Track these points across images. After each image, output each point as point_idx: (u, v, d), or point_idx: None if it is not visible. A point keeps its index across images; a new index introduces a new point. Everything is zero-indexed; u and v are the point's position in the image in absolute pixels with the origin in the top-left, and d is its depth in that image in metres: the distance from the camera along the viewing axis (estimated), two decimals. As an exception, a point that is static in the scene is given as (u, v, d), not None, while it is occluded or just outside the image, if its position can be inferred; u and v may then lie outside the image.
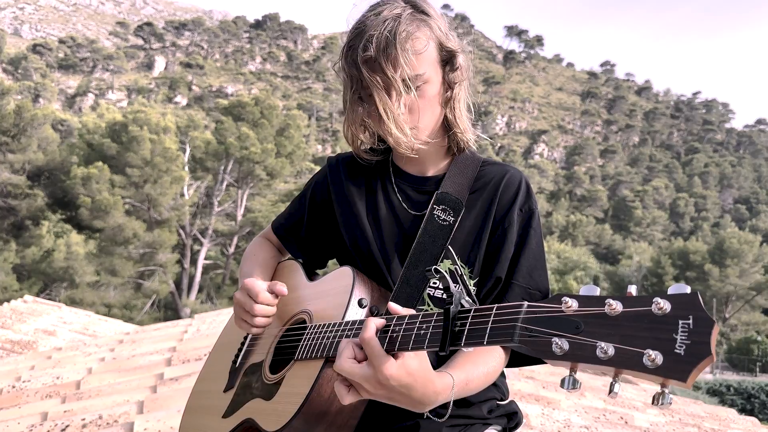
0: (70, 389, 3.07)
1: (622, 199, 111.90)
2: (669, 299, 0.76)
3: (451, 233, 1.35)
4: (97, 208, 33.40)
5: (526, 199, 1.41)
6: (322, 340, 1.23)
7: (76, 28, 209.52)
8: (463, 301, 0.99)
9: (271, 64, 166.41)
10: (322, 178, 1.57)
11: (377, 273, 1.38)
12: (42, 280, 32.99)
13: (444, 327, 0.97)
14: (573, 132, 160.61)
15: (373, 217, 1.44)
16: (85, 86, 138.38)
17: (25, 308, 8.28)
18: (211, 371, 1.60)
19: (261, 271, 1.54)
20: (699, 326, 0.73)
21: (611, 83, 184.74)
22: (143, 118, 36.44)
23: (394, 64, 1.26)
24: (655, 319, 0.76)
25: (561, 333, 0.82)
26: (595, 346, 0.78)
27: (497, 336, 0.90)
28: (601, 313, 0.80)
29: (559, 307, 0.84)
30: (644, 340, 0.75)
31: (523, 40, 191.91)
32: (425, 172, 1.47)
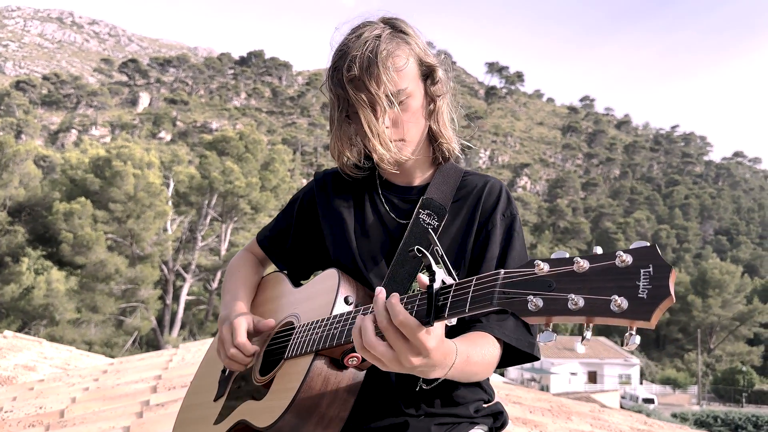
0: (53, 418, 3.02)
1: (605, 231, 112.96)
2: (630, 252, 0.84)
3: (436, 235, 1.40)
4: (79, 244, 33.02)
5: (508, 205, 1.46)
6: (312, 336, 1.26)
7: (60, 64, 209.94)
8: (444, 278, 1.04)
9: (255, 100, 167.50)
10: (308, 192, 1.61)
11: (360, 277, 1.42)
12: (21, 318, 32.36)
13: (428, 301, 1.02)
14: (555, 165, 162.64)
15: (360, 228, 1.49)
16: (68, 122, 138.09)
17: (4, 343, 8.11)
18: (200, 384, 1.61)
19: (245, 288, 1.57)
20: (658, 272, 0.81)
21: (591, 117, 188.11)
22: (127, 153, 36.36)
23: (377, 81, 1.32)
24: (619, 270, 0.83)
25: (535, 291, 0.89)
26: (567, 299, 0.85)
27: (478, 302, 0.96)
28: (570, 270, 0.88)
29: (532, 270, 0.91)
30: (610, 289, 0.83)
31: (504, 76, 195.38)
32: (411, 182, 1.52)
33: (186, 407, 1.61)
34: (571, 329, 67.34)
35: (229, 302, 1.53)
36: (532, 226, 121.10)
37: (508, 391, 4.27)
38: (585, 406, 4.46)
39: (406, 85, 1.37)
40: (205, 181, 38.98)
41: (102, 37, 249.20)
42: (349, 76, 1.34)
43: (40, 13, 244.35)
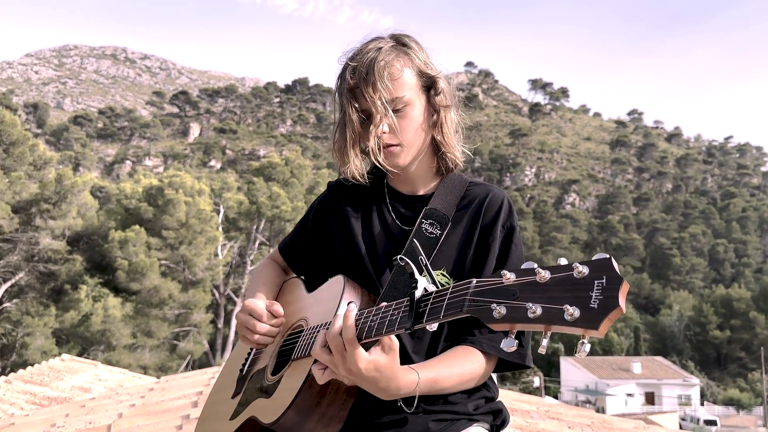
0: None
1: (659, 247, 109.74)
2: (587, 264, 0.90)
3: (438, 245, 1.46)
4: (133, 271, 33.99)
5: (508, 217, 1.51)
6: (313, 340, 1.34)
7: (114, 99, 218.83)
8: (426, 286, 1.11)
9: (301, 126, 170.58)
10: (322, 201, 1.70)
11: (369, 282, 1.49)
12: (80, 344, 33.39)
13: (409, 308, 1.09)
14: (604, 181, 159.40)
15: (368, 233, 1.56)
16: (123, 154, 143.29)
17: (62, 366, 8.46)
18: (222, 383, 1.72)
19: (266, 290, 1.66)
20: (610, 284, 0.85)
21: (640, 131, 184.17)
22: (178, 182, 37.45)
23: (374, 88, 1.41)
24: (575, 281, 0.89)
25: (500, 300, 0.95)
26: (526, 308, 0.91)
27: (451, 309, 1.03)
28: (533, 281, 0.94)
29: (500, 280, 0.98)
30: (566, 299, 0.88)
31: (548, 92, 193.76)
32: (416, 191, 1.59)
33: (209, 404, 1.72)
34: (626, 349, 65.39)
35: (250, 297, 1.62)
36: (582, 243, 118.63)
37: (548, 407, 4.23)
38: (629, 423, 4.37)
39: (402, 93, 1.45)
40: (253, 206, 39.79)
41: (153, 71, 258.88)
42: (350, 85, 1.45)
43: (96, 51, 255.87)
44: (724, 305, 65.33)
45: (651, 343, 68.97)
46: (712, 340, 64.73)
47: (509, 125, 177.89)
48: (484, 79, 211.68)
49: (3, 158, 30.23)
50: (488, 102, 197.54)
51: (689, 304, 73.42)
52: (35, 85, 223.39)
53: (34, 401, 6.26)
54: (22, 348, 31.13)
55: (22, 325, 31.19)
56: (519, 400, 4.27)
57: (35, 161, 31.99)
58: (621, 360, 52.12)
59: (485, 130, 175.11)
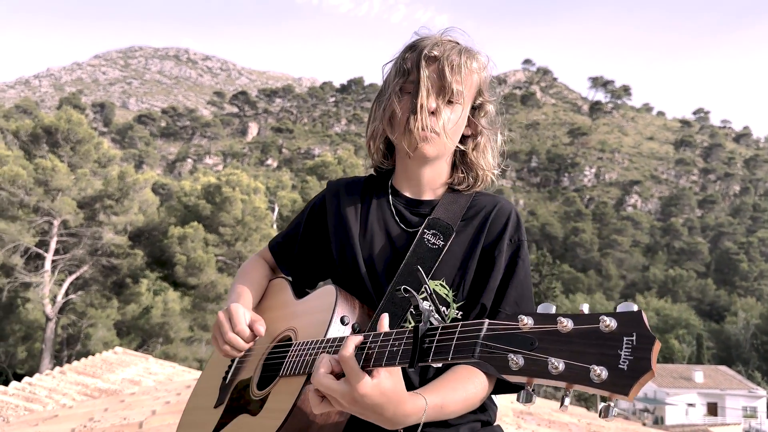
0: (132, 429, 3.20)
1: (725, 251, 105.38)
2: (615, 317, 0.81)
3: (440, 257, 1.37)
4: (191, 266, 34.91)
5: (516, 230, 1.43)
6: (305, 357, 1.26)
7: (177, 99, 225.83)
8: (432, 318, 1.02)
9: (355, 126, 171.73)
10: (320, 200, 1.62)
11: (363, 290, 1.40)
12: (140, 336, 34.55)
13: (413, 343, 1.00)
14: (667, 182, 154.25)
15: (367, 235, 1.47)
16: (184, 152, 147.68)
17: (115, 359, 8.72)
18: (204, 387, 1.63)
19: (252, 290, 1.56)
20: (641, 343, 0.77)
21: (706, 131, 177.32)
22: (235, 180, 38.25)
23: (453, 69, 1.36)
24: (602, 335, 0.80)
25: (517, 349, 0.86)
26: (547, 361, 0.82)
27: (460, 352, 0.94)
28: (554, 330, 0.85)
29: (516, 324, 0.88)
30: (591, 356, 0.80)
31: (609, 90, 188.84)
32: (421, 195, 1.50)
33: (189, 410, 1.64)
34: (688, 357, 63.09)
35: (233, 299, 1.53)
36: (644, 246, 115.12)
37: (590, 419, 4.05)
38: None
39: (466, 92, 1.40)
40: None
41: (214, 72, 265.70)
42: (429, 55, 1.37)
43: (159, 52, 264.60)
44: (796, 314, 62.18)
45: (715, 351, 66.46)
46: (781, 350, 61.75)
47: (568, 124, 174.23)
48: (542, 77, 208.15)
49: (70, 156, 31.56)
50: (546, 100, 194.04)
51: (757, 312, 70.22)
52: (102, 86, 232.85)
53: (85, 392, 6.45)
54: (86, 338, 32.45)
55: (86, 316, 32.51)
56: (558, 411, 4.11)
57: (100, 159, 33.28)
58: (682, 368, 50.35)
59: (543, 128, 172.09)
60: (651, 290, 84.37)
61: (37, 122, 32.47)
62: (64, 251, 32.44)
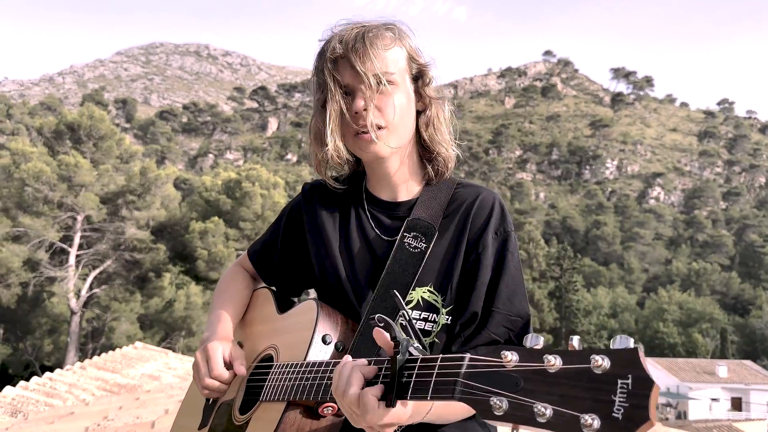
0: (144, 429, 3.22)
1: (750, 244, 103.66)
2: (608, 355, 0.71)
3: (423, 260, 1.29)
4: (212, 260, 35.25)
5: (501, 222, 1.33)
6: (286, 383, 1.20)
7: (198, 94, 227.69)
8: (412, 349, 0.94)
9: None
10: (296, 205, 1.54)
11: (347, 304, 1.34)
12: (163, 329, 34.99)
13: (391, 378, 0.93)
14: (691, 174, 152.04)
15: (346, 245, 1.40)
16: (205, 148, 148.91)
17: (134, 354, 8.82)
18: (189, 406, 1.59)
19: (232, 310, 1.50)
20: (638, 387, 0.68)
21: (731, 122, 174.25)
22: (255, 175, 38.50)
23: (362, 59, 1.25)
24: (593, 377, 0.71)
25: (500, 391, 0.78)
26: (533, 406, 0.73)
27: (440, 391, 0.86)
28: (541, 369, 0.76)
29: (500, 361, 0.80)
30: (582, 401, 0.71)
31: (631, 81, 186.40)
32: (397, 197, 1.41)
33: (176, 427, 1.61)
34: (712, 351, 62.30)
35: (213, 323, 1.46)
36: (667, 240, 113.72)
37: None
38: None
39: (393, 71, 1.29)
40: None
41: (234, 68, 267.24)
42: (333, 56, 1.28)
43: (180, 48, 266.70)
44: (823, 308, 61.06)
45: (739, 345, 65.62)
46: (807, 345, 60.75)
47: (589, 116, 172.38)
48: (563, 69, 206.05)
49: (92, 152, 31.96)
50: (567, 92, 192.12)
51: (783, 306, 69.11)
52: (124, 82, 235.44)
53: (105, 387, 6.53)
54: (110, 332, 32.94)
55: (110, 310, 32.99)
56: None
57: (122, 154, 33.65)
58: (706, 363, 49.74)
59: (564, 121, 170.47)
60: (674, 284, 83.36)
61: (61, 119, 32.92)
62: (87, 246, 32.92)
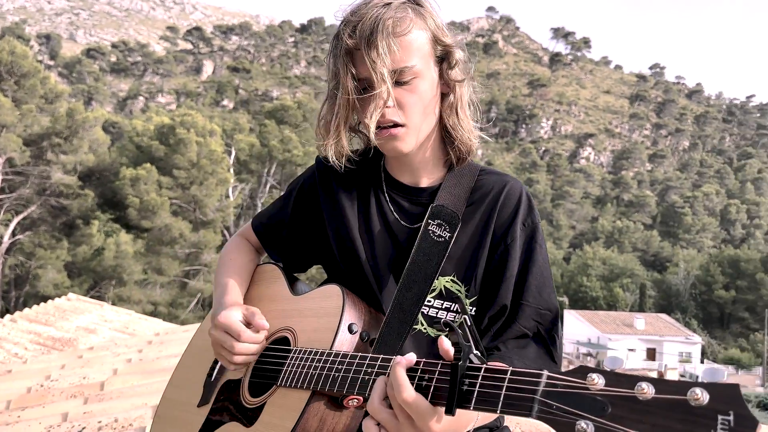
0: (93, 390, 3.13)
1: (671, 205, 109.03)
2: (707, 389, 0.68)
3: (447, 250, 1.25)
4: (145, 209, 34.24)
5: (529, 213, 1.30)
6: (309, 370, 1.14)
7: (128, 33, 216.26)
8: (472, 356, 0.90)
9: (315, 69, 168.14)
10: (310, 179, 1.45)
11: (368, 291, 1.28)
12: (92, 278, 33.98)
13: (451, 383, 0.88)
14: (621, 136, 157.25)
15: (366, 230, 1.33)
16: (135, 90, 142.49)
17: (68, 306, 8.52)
18: (184, 378, 1.50)
19: (239, 281, 1.43)
20: (741, 425, 0.64)
21: (661, 86, 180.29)
22: (190, 121, 37.26)
23: (378, 51, 1.16)
24: (690, 410, 0.68)
25: (586, 414, 0.73)
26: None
27: (513, 406, 0.82)
28: (631, 395, 0.72)
29: (584, 383, 0.76)
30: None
31: (569, 42, 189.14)
32: (419, 182, 1.35)
33: (167, 401, 1.51)
34: (631, 305, 65.80)
35: (221, 297, 1.39)
36: (594, 198, 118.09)
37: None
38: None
39: (414, 62, 1.19)
40: (264, 149, 39.65)
41: (167, 5, 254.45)
42: (348, 47, 1.19)
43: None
44: (732, 266, 65.31)
45: (656, 300, 69.41)
46: (716, 300, 65.05)
47: (528, 75, 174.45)
48: (505, 26, 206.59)
49: (14, 90, 30.07)
50: (508, 50, 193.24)
51: (697, 263, 73.47)
52: (48, 15, 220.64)
53: (38, 341, 6.30)
54: (35, 280, 31.74)
55: (35, 257, 31.71)
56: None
57: (46, 94, 31.82)
58: (625, 315, 52.59)
59: (503, 79, 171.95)
60: (599, 240, 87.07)
61: (-23, 53, 30.70)
62: (10, 190, 31.29)
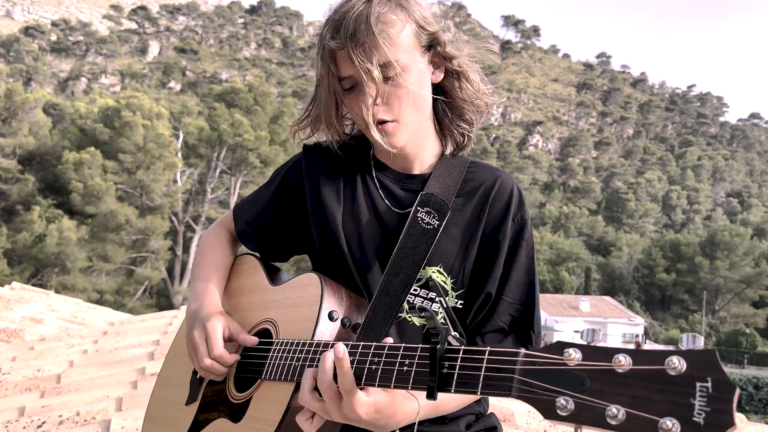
0: (50, 383, 3.03)
1: (616, 191, 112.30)
2: (684, 356, 0.69)
3: (435, 238, 1.24)
4: (89, 194, 33.23)
5: (519, 209, 1.31)
6: (292, 362, 1.13)
7: (69, 10, 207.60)
8: (451, 338, 0.90)
9: (266, 51, 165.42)
10: (294, 167, 1.43)
11: (350, 280, 1.27)
12: (33, 266, 32.83)
13: (431, 367, 0.89)
14: (568, 123, 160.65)
15: (352, 215, 1.32)
16: (77, 70, 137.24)
17: (12, 295, 8.19)
18: (171, 377, 1.49)
19: (218, 278, 1.40)
20: (719, 391, 0.65)
21: (607, 75, 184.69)
22: (136, 104, 36.20)
23: (363, 50, 1.16)
24: (669, 379, 0.68)
25: (565, 390, 0.74)
26: (605, 408, 0.70)
27: (492, 387, 0.83)
28: (609, 368, 0.72)
29: (561, 359, 0.76)
30: (658, 404, 0.68)
31: (519, 30, 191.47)
32: (410, 169, 1.35)
33: (156, 400, 1.50)
34: (577, 288, 67.67)
35: (201, 293, 1.36)
36: (542, 184, 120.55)
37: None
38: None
39: (399, 56, 1.19)
40: (214, 133, 38.86)
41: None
42: (331, 46, 1.19)
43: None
44: (673, 249, 67.72)
45: (600, 283, 71.43)
46: (658, 283, 67.39)
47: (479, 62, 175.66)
48: (456, 12, 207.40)
49: (-53, 70, 28.61)
50: (459, 37, 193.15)
51: (639, 247, 75.97)
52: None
53: (-18, 332, 6.07)
54: (-28, 267, 30.48)
55: (-29, 244, 30.44)
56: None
57: (-18, 74, 30.39)
58: (571, 298, 53.99)
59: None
60: (546, 225, 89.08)
61: None
62: (-57, 174, 29.88)
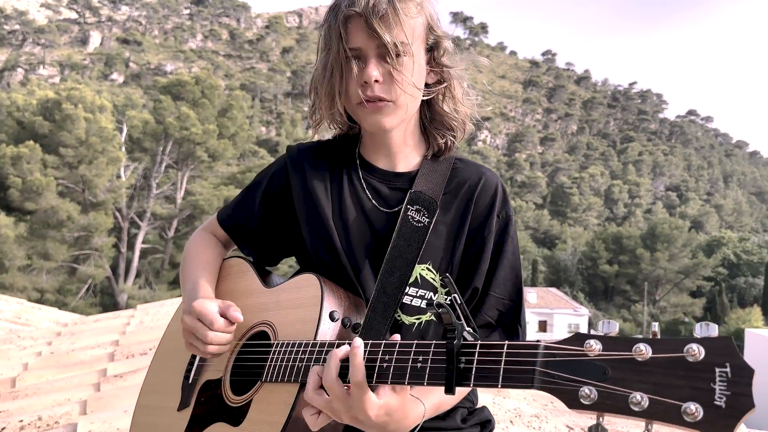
0: (4, 387, 2.90)
1: (560, 185, 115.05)
2: (702, 344, 0.71)
3: (426, 236, 1.25)
4: (28, 190, 32.02)
5: (503, 205, 1.33)
6: (295, 363, 1.12)
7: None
8: (465, 333, 0.91)
9: (212, 42, 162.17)
10: (280, 168, 1.41)
11: (345, 278, 1.26)
12: (-33, 264, 31.42)
13: (448, 363, 0.89)
14: (515, 119, 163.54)
15: (340, 214, 1.31)
16: (14, 61, 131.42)
17: (-50, 296, 7.84)
18: (159, 383, 1.44)
19: (208, 278, 1.37)
20: (738, 375, 0.68)
21: (552, 72, 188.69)
22: (77, 96, 35.00)
23: (384, 23, 1.17)
24: (689, 366, 0.71)
25: (587, 380, 0.76)
26: (627, 395, 0.72)
27: (514, 379, 0.83)
28: (629, 357, 0.74)
29: (581, 350, 0.78)
30: (679, 390, 0.70)
31: (467, 26, 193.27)
32: (395, 167, 1.35)
33: (144, 407, 1.45)
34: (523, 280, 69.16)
35: (191, 292, 1.33)
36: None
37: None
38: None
39: (410, 41, 1.20)
40: (159, 126, 37.91)
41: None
42: (349, 12, 1.18)
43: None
44: (615, 242, 69.85)
45: (546, 274, 73.07)
46: (601, 274, 69.43)
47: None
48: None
49: None
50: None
51: (583, 240, 78.09)
52: None
53: None
54: None
55: None
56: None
57: None
58: (517, 291, 55.07)
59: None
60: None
61: None
62: None
